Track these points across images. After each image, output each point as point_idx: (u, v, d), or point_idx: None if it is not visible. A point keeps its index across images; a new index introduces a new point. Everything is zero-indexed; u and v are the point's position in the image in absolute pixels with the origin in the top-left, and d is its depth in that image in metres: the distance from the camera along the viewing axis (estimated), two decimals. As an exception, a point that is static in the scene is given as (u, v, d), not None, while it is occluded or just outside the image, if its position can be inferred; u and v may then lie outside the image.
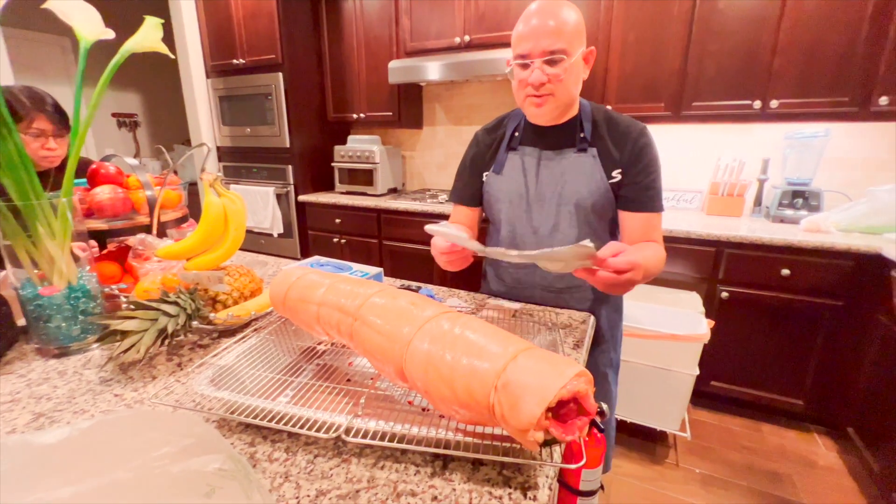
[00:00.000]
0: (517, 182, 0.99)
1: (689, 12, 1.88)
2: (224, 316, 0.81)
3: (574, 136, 0.95)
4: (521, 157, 0.99)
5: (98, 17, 0.78)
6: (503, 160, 1.01)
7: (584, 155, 0.94)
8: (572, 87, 0.89)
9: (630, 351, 1.67)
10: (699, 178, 2.27)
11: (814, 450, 1.75)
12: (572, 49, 0.84)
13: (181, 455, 0.33)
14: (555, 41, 0.82)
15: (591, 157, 0.94)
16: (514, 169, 1.00)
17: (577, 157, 0.94)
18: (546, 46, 0.83)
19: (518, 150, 1.00)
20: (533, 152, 0.98)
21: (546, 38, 0.83)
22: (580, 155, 0.94)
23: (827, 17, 1.70)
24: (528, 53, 0.85)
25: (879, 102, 1.67)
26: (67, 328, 0.76)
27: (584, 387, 0.45)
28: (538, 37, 0.83)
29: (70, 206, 0.76)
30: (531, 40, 0.84)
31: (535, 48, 0.84)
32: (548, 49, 0.83)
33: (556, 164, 0.96)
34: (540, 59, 0.84)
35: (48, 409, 0.62)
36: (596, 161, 0.94)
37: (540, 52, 0.84)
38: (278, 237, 2.95)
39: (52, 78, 3.48)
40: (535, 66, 0.85)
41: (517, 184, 0.99)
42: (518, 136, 1.01)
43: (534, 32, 0.84)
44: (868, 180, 1.96)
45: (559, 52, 0.83)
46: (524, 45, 0.85)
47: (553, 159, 0.96)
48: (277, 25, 2.57)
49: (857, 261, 1.60)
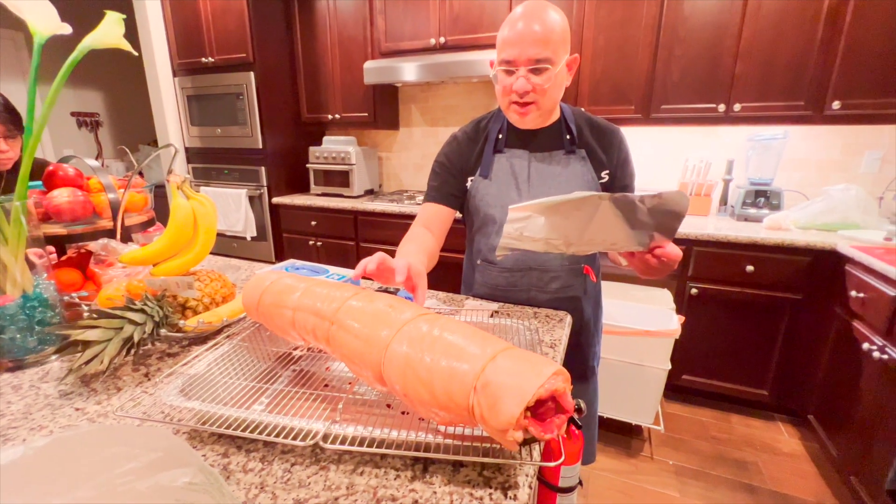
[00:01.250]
0: (508, 186, 0.97)
1: (657, 18, 1.95)
2: (194, 323, 0.78)
3: (561, 138, 0.96)
4: (509, 160, 0.97)
5: (53, 12, 0.74)
6: (490, 163, 0.98)
7: (574, 157, 0.95)
8: (556, 95, 0.88)
9: (605, 348, 1.70)
10: (668, 178, 2.35)
11: (778, 437, 1.84)
12: (557, 57, 0.83)
13: (148, 470, 0.32)
14: (541, 50, 0.81)
15: (580, 158, 0.95)
16: (503, 172, 0.97)
17: (567, 158, 0.95)
18: (532, 55, 0.82)
19: (505, 153, 0.98)
20: (522, 154, 0.97)
21: (532, 46, 0.81)
22: (569, 156, 0.95)
23: (783, 26, 1.79)
24: (514, 60, 0.83)
25: (832, 107, 1.77)
26: (22, 339, 0.72)
27: (561, 385, 0.45)
28: (524, 44, 0.81)
29: (24, 210, 0.72)
30: (517, 47, 0.82)
31: (520, 56, 0.82)
32: (533, 57, 0.82)
33: (546, 165, 0.95)
34: (525, 68, 0.83)
35: (1, 426, 0.58)
36: (586, 162, 0.95)
37: (525, 60, 0.82)
38: (251, 240, 2.87)
39: (4, 75, 3.28)
40: (520, 74, 0.84)
41: (508, 187, 0.97)
42: (503, 139, 0.98)
43: (520, 39, 0.82)
44: (823, 180, 2.08)
45: (544, 62, 0.82)
46: (510, 51, 0.83)
47: (544, 161, 0.96)
48: (248, 23, 2.50)
49: (815, 256, 1.69)
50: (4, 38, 3.30)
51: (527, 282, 1.01)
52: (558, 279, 1.00)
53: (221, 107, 2.73)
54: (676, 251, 0.73)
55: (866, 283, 1.47)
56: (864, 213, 1.78)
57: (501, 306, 0.98)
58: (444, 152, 1.04)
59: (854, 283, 1.53)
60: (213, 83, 2.71)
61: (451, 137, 1.04)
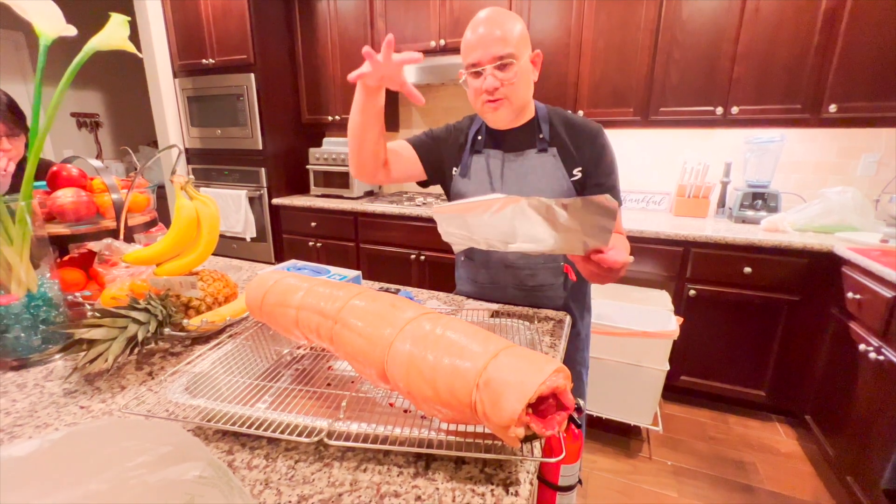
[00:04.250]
0: (483, 185, 1.01)
1: (655, 22, 1.96)
2: (198, 322, 0.79)
3: (533, 136, 0.99)
4: (485, 160, 1.02)
5: (59, 13, 0.75)
6: (468, 163, 1.03)
7: (545, 155, 0.97)
8: (524, 90, 0.92)
9: (603, 348, 1.71)
10: (667, 181, 2.36)
11: (775, 438, 1.85)
12: (520, 53, 0.88)
13: (158, 464, 0.33)
14: (503, 47, 0.86)
15: (551, 156, 0.97)
16: (479, 171, 1.02)
17: (539, 156, 0.97)
18: (495, 52, 0.86)
19: (482, 153, 1.03)
20: (497, 154, 1.01)
21: (494, 45, 0.86)
22: (541, 155, 0.97)
23: (780, 30, 1.80)
24: (479, 61, 0.88)
25: (829, 110, 1.79)
26: (27, 338, 0.73)
27: (562, 382, 0.46)
28: (486, 45, 0.86)
29: (29, 209, 0.73)
30: (480, 48, 0.87)
31: (484, 56, 0.87)
32: (497, 55, 0.86)
33: (518, 164, 0.99)
34: (491, 66, 0.87)
35: (7, 424, 0.59)
36: (557, 160, 0.97)
37: (490, 59, 0.87)
38: (251, 241, 2.87)
39: (5, 76, 3.28)
40: (488, 73, 0.88)
41: (483, 186, 1.01)
42: (481, 140, 1.03)
43: (482, 41, 0.87)
44: (820, 182, 2.09)
45: (508, 57, 0.86)
46: (474, 54, 0.88)
47: (515, 160, 0.99)
48: (249, 25, 2.51)
49: (812, 258, 1.70)
50: (5, 38, 3.30)
51: (504, 278, 1.05)
52: (535, 277, 1.04)
53: (222, 108, 2.73)
54: (616, 258, 0.70)
55: (863, 284, 1.48)
56: (860, 216, 1.79)
57: (501, 307, 0.99)
58: (442, 127, 1.10)
59: (850, 284, 1.55)
60: (213, 84, 2.72)
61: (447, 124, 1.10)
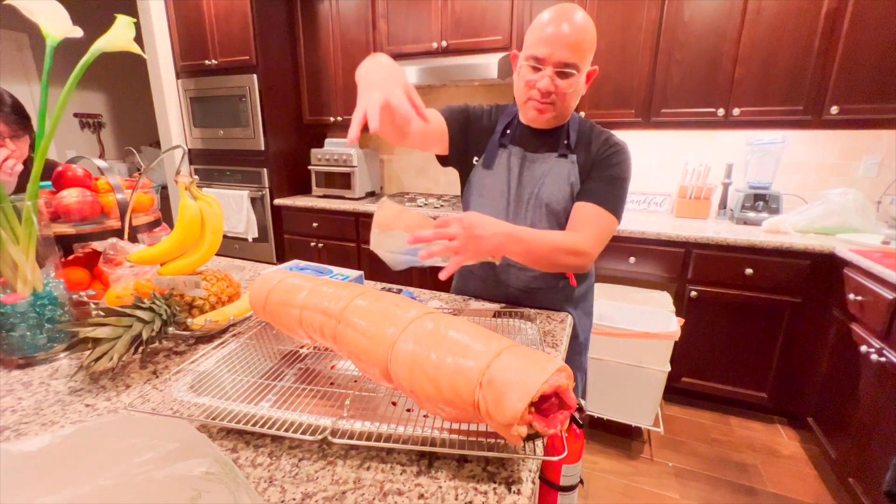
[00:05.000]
0: (502, 180, 1.00)
1: (657, 23, 1.97)
2: (202, 321, 0.79)
3: (559, 141, 0.98)
4: (508, 156, 1.01)
5: (65, 15, 0.76)
6: (493, 156, 1.01)
7: (565, 161, 0.96)
8: (572, 102, 0.91)
9: (604, 349, 1.72)
10: (668, 182, 2.36)
11: (777, 440, 1.84)
12: (583, 65, 0.85)
13: (166, 460, 0.33)
14: (572, 54, 0.83)
15: (570, 162, 0.96)
16: (501, 166, 1.01)
17: (558, 161, 0.97)
18: (562, 57, 0.83)
19: (507, 148, 1.01)
20: (518, 153, 1.00)
21: (564, 48, 0.82)
22: (560, 160, 0.96)
23: (782, 31, 1.81)
24: (544, 59, 0.84)
25: (830, 112, 1.79)
26: (32, 337, 0.73)
27: (564, 381, 0.46)
28: (557, 45, 0.82)
29: (35, 209, 0.73)
30: (550, 46, 0.83)
31: (551, 56, 0.83)
32: (563, 60, 0.83)
33: (537, 166, 0.98)
34: (552, 69, 0.84)
35: (13, 421, 0.59)
36: (574, 167, 0.96)
37: (555, 62, 0.84)
38: (253, 241, 2.88)
39: (8, 76, 3.30)
40: (546, 74, 0.85)
41: (502, 182, 1.00)
42: (510, 134, 1.02)
43: (554, 39, 0.83)
44: (821, 184, 2.09)
45: (572, 67, 0.84)
46: (542, 48, 0.84)
47: (535, 161, 0.98)
48: (251, 26, 2.52)
49: (814, 260, 1.70)
50: (10, 39, 3.32)
51: (505, 280, 1.04)
52: (537, 279, 1.02)
53: (224, 109, 2.75)
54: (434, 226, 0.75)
55: (864, 286, 1.48)
56: (862, 217, 1.79)
57: (503, 307, 0.99)
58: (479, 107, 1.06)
59: (852, 286, 1.55)
60: (215, 85, 2.73)
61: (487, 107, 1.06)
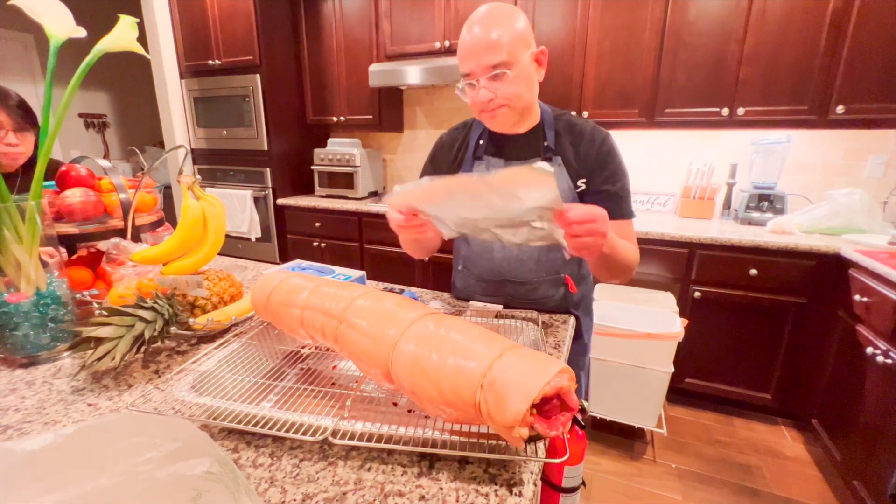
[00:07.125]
0: None
1: (661, 22, 1.96)
2: (204, 321, 0.79)
3: (538, 144, 0.94)
4: (487, 168, 0.97)
5: (69, 15, 0.76)
6: (470, 170, 0.98)
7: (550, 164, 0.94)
8: (525, 93, 0.86)
9: (607, 350, 1.71)
10: (672, 182, 2.35)
11: (781, 441, 1.83)
12: (515, 57, 0.81)
13: (167, 459, 0.33)
14: (494, 55, 0.79)
15: (555, 165, 0.93)
16: None
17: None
18: (487, 62, 0.80)
19: (484, 160, 0.97)
20: (498, 163, 0.96)
21: (485, 53, 0.79)
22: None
23: (787, 31, 1.79)
24: (472, 73, 0.82)
25: (836, 111, 1.77)
26: (36, 336, 0.73)
27: (566, 383, 0.46)
28: (477, 54, 0.80)
29: (39, 209, 0.73)
30: (472, 58, 0.81)
31: (476, 66, 0.81)
32: (489, 64, 0.80)
33: None
34: (484, 77, 0.82)
35: (16, 420, 0.59)
36: (561, 169, 0.92)
37: (482, 70, 0.81)
38: (256, 241, 2.89)
39: (13, 76, 3.32)
40: (481, 85, 0.82)
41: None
42: (483, 145, 0.98)
43: (472, 49, 0.81)
44: (826, 184, 2.07)
45: (501, 66, 0.80)
46: (467, 64, 0.83)
47: None
48: (255, 26, 2.53)
49: (819, 260, 1.69)
50: (15, 40, 3.34)
51: (504, 293, 1.02)
52: (536, 290, 1.00)
53: (227, 109, 2.75)
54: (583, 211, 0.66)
55: (870, 287, 1.46)
56: (868, 218, 1.78)
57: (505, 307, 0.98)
58: (431, 153, 1.07)
59: (858, 287, 1.53)
60: (219, 85, 2.74)
61: (438, 139, 1.06)
